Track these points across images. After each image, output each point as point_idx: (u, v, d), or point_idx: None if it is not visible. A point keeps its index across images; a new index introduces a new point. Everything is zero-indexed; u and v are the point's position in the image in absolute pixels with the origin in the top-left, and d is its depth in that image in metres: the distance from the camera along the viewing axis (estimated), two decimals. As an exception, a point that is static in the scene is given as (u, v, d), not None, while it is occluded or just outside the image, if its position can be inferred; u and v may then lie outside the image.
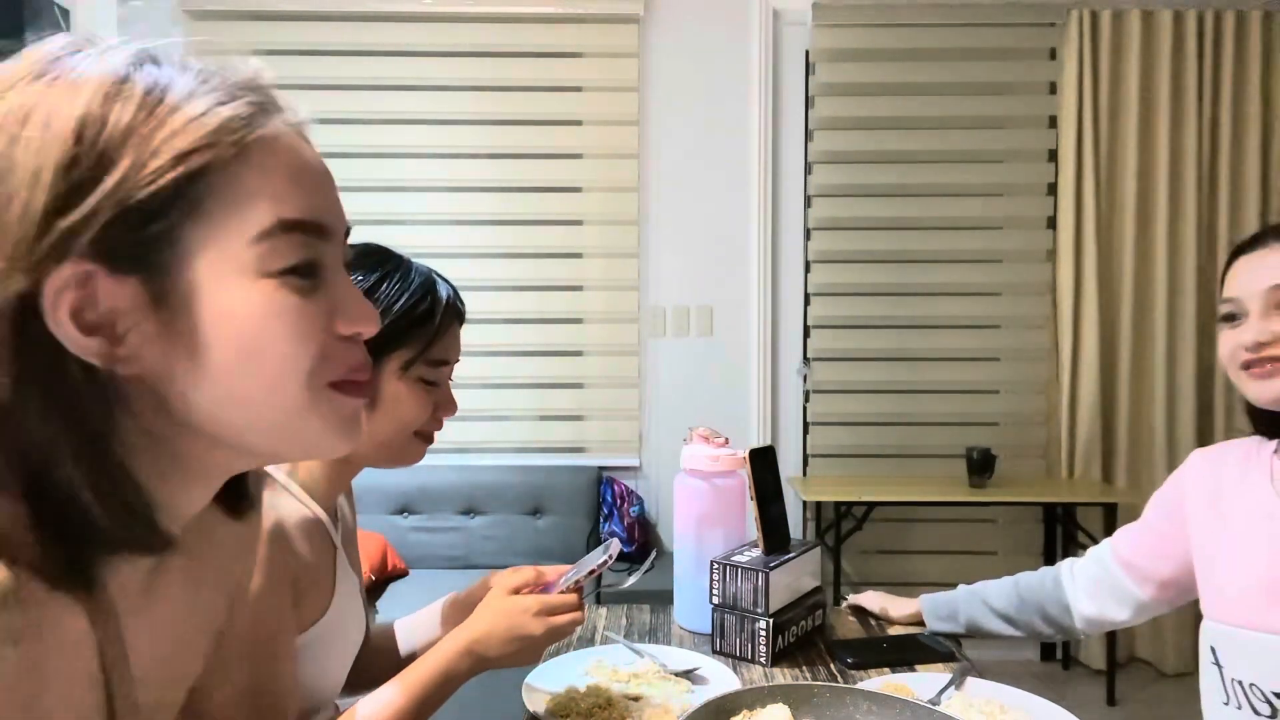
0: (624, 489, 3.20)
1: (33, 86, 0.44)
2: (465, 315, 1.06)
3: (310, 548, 0.94)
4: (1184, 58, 3.17)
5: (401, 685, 0.92)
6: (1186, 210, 3.19)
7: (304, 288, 0.49)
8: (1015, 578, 1.35)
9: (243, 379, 0.47)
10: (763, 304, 3.30)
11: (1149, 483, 3.21)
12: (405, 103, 3.24)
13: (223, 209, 0.46)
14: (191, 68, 0.48)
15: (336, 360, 0.51)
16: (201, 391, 0.47)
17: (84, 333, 0.43)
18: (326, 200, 0.52)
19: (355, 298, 0.52)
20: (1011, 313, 3.31)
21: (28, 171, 0.42)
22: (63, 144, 0.42)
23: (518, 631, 0.96)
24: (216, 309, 0.46)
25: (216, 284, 0.46)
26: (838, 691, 0.93)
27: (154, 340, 0.45)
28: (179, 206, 0.45)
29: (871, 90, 3.27)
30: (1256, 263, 1.01)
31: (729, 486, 1.36)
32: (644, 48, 3.28)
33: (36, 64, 0.45)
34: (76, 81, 0.44)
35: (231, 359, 0.47)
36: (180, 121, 0.45)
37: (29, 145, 0.42)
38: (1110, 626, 1.27)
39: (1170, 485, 1.19)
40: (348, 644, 1.03)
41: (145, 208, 0.44)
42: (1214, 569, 1.08)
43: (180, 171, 0.44)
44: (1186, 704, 2.95)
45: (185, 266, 0.45)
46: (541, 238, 3.28)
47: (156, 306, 0.45)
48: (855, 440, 3.33)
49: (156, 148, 0.44)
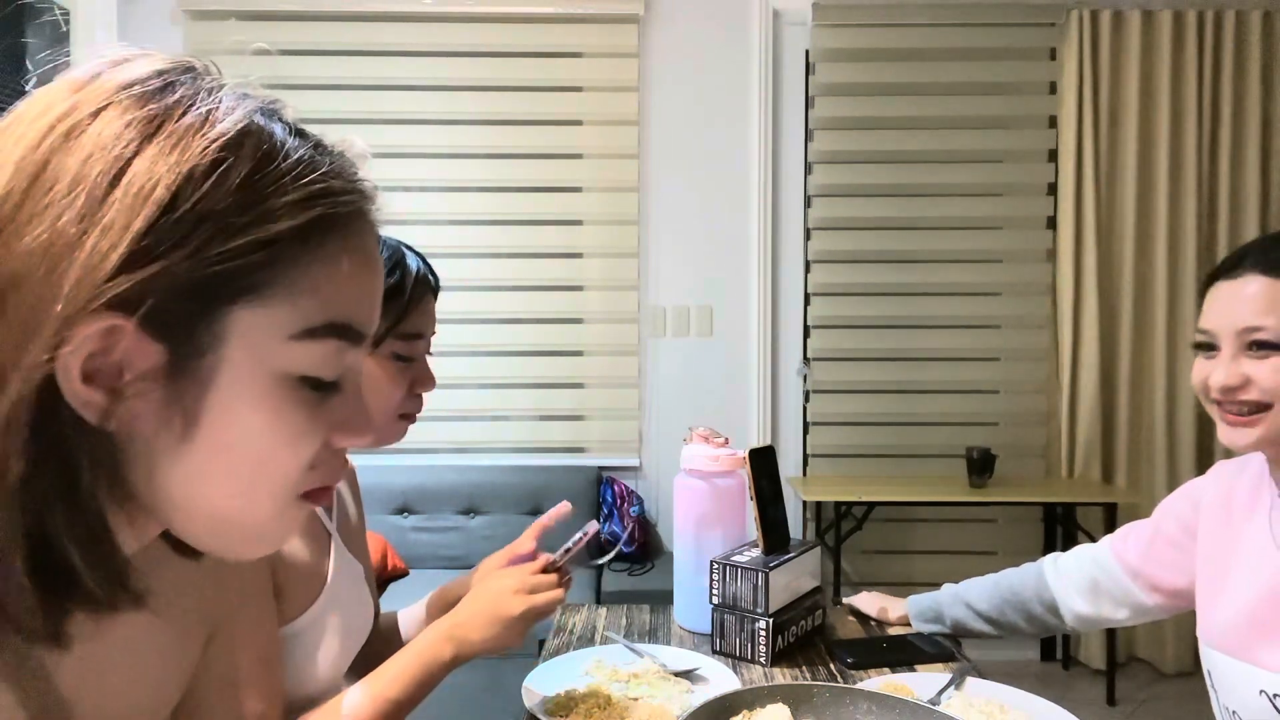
0: (624, 489, 3.20)
1: (129, 129, 0.41)
2: (439, 287, 1.03)
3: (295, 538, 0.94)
4: (1184, 58, 3.17)
5: (384, 675, 0.91)
6: (1186, 210, 3.19)
7: (315, 398, 0.46)
8: (997, 577, 1.33)
9: (222, 471, 0.44)
10: (763, 304, 3.30)
11: (1149, 483, 3.21)
12: (405, 103, 3.24)
13: (279, 298, 0.43)
14: (305, 137, 0.45)
15: (321, 472, 0.48)
16: (175, 470, 0.43)
17: (84, 381, 0.40)
18: (374, 305, 0.49)
19: (359, 410, 0.49)
20: (1011, 313, 3.31)
21: (112, 228, 0.39)
22: (156, 207, 0.39)
23: (496, 612, 0.95)
24: (226, 399, 0.43)
25: (236, 373, 0.43)
26: (838, 691, 0.93)
27: (153, 410, 0.42)
28: (242, 287, 0.42)
29: (871, 90, 3.27)
30: (1232, 294, 0.95)
31: (729, 486, 1.36)
32: (644, 48, 3.28)
33: (133, 94, 0.42)
34: (184, 136, 0.41)
35: (219, 449, 0.44)
36: (278, 205, 0.42)
37: (116, 201, 0.39)
38: (1105, 625, 1.26)
39: (1185, 498, 1.15)
40: (349, 631, 1.03)
41: (209, 283, 0.41)
42: (1210, 593, 1.07)
43: (259, 256, 0.42)
44: (1186, 704, 2.96)
45: (216, 346, 0.42)
46: (541, 238, 3.28)
47: (171, 378, 0.42)
48: (855, 440, 3.32)
49: (244, 226, 0.41)
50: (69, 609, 0.42)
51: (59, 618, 0.42)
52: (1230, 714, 1.01)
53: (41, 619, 0.41)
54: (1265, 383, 0.91)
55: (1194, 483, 1.16)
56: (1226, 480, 1.10)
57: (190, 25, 3.19)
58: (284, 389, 0.44)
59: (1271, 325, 0.91)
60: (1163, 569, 1.17)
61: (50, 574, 0.41)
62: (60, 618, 0.42)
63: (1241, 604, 1.00)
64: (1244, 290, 0.93)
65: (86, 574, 0.42)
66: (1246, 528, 1.04)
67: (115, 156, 0.40)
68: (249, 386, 0.43)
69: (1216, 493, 1.10)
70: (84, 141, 0.40)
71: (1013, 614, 1.29)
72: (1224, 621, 1.02)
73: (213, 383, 0.43)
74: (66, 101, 0.42)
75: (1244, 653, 0.98)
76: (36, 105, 0.43)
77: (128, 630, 0.52)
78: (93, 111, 0.41)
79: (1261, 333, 0.91)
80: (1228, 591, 1.04)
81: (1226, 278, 0.96)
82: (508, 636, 0.96)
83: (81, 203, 0.39)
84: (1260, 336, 0.91)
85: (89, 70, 0.43)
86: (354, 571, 1.06)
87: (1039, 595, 1.28)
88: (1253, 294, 0.93)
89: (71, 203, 0.39)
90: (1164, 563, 1.16)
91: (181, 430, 0.43)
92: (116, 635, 0.51)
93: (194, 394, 0.43)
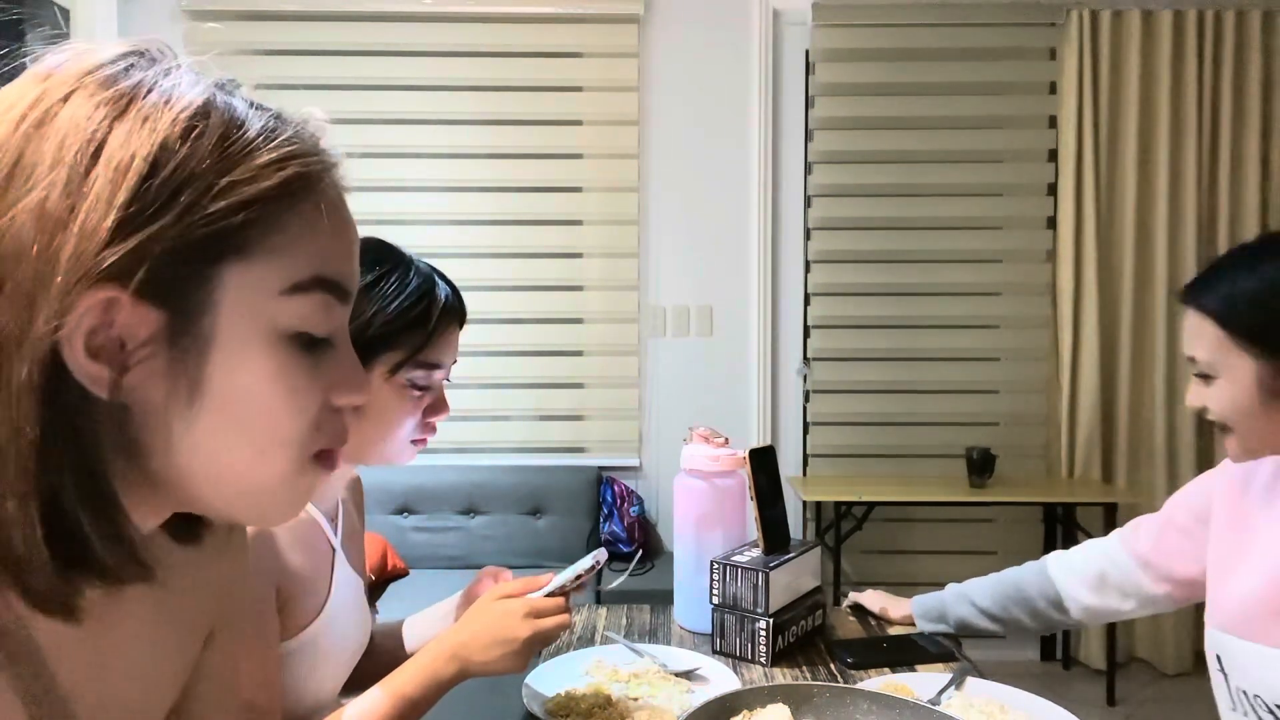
0: (624, 489, 3.20)
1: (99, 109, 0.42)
2: (466, 316, 1.03)
3: (301, 552, 0.93)
4: (1184, 58, 3.17)
5: (386, 690, 0.90)
6: (1186, 210, 3.19)
7: (311, 358, 0.48)
8: (1000, 575, 1.35)
9: (234, 431, 0.46)
10: (763, 304, 3.30)
11: (1149, 483, 3.21)
12: (405, 103, 3.24)
13: (264, 256, 0.45)
14: (264, 108, 0.48)
15: (325, 431, 0.50)
16: (187, 437, 0.45)
17: (89, 356, 0.42)
18: (354, 265, 0.51)
19: (354, 367, 0.51)
20: (1011, 313, 3.31)
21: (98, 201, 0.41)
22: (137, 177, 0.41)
23: (502, 634, 0.94)
24: (227, 358, 0.45)
25: (233, 331, 0.45)
26: (838, 691, 0.93)
27: (158, 377, 0.44)
28: (228, 247, 0.44)
29: (871, 90, 3.27)
30: (1184, 323, 1.03)
31: (729, 486, 1.36)
32: (644, 48, 3.28)
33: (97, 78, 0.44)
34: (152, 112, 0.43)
35: (227, 410, 0.45)
36: (252, 167, 0.44)
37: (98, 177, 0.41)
38: (1111, 618, 1.28)
39: (1198, 487, 1.18)
40: (346, 646, 1.03)
41: (197, 245, 0.43)
42: (1224, 578, 1.08)
43: (241, 216, 0.44)
44: (1186, 704, 2.96)
45: (211, 307, 0.44)
46: (541, 238, 3.28)
47: (172, 343, 0.44)
48: (855, 440, 3.32)
49: (223, 188, 0.43)
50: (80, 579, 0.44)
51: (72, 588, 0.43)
52: (1246, 696, 1.01)
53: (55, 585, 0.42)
54: (1215, 408, 1.00)
55: (1208, 473, 1.18)
56: (1244, 468, 1.11)
57: (190, 25, 3.18)
58: (281, 346, 0.47)
59: (1201, 357, 0.99)
60: (1173, 558, 1.18)
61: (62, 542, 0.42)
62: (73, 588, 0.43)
63: (1257, 585, 1.01)
64: (1187, 322, 1.03)
65: (97, 543, 0.43)
66: (1264, 511, 1.05)
67: (89, 136, 0.42)
68: (247, 343, 0.45)
69: (1236, 476, 1.12)
70: (57, 125, 0.42)
71: (1017, 610, 1.30)
72: (1237, 603, 1.03)
73: (213, 344, 0.45)
74: (33, 91, 0.43)
75: (1261, 635, 0.99)
76: (4, 99, 0.44)
77: (129, 622, 0.52)
78: (61, 98, 0.43)
79: (1195, 365, 1.00)
80: (1241, 573, 1.04)
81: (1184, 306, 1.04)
82: (512, 661, 0.94)
83: (64, 181, 0.41)
84: (1196, 368, 1.01)
85: (51, 62, 0.45)
86: (355, 585, 1.05)
87: (1043, 591, 1.29)
88: (1190, 326, 1.02)
89: (53, 182, 0.41)
90: (1175, 552, 1.18)
91: (188, 395, 0.44)
92: (118, 627, 0.51)
93: (196, 357, 0.44)
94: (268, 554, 0.88)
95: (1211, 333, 0.98)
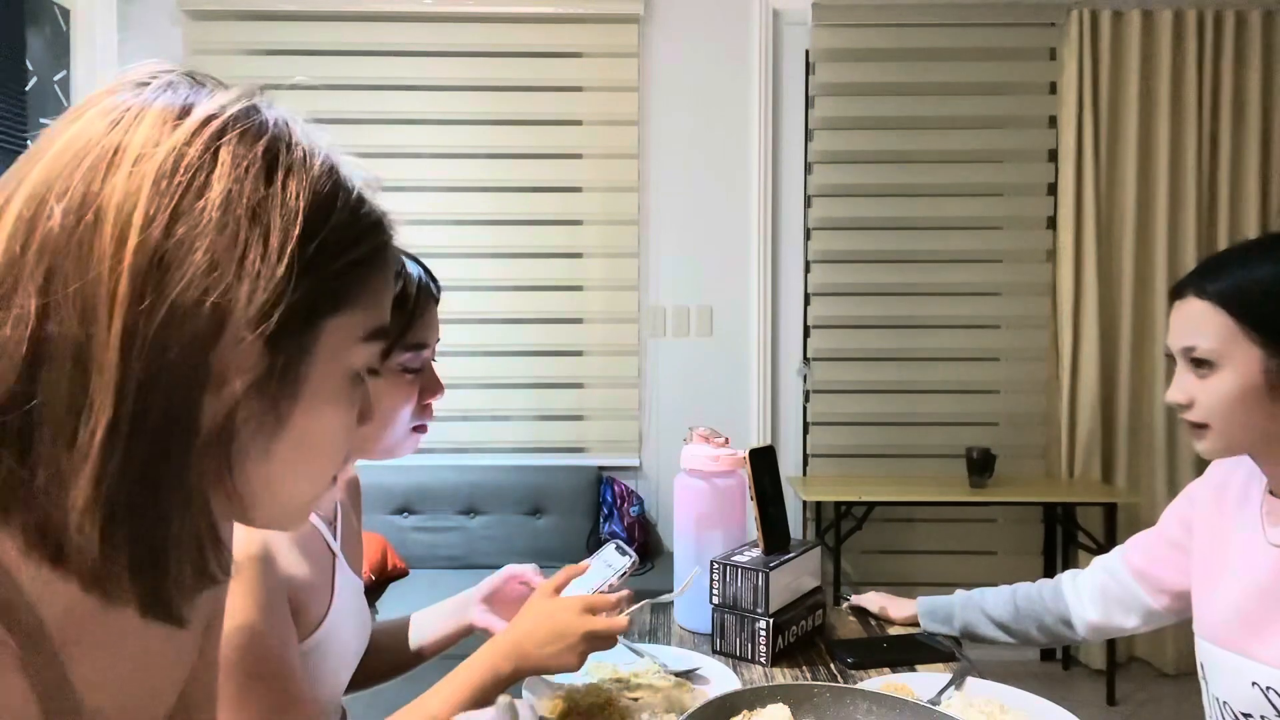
0: (624, 489, 3.20)
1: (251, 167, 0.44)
2: (440, 294, 1.02)
3: (303, 559, 0.92)
4: (1184, 58, 3.17)
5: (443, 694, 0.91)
6: (1186, 210, 3.19)
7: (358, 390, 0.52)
8: (1014, 588, 1.36)
9: (302, 463, 0.49)
10: (763, 304, 3.30)
11: (1149, 483, 3.21)
12: (405, 103, 3.24)
13: (356, 309, 0.49)
14: (347, 157, 0.52)
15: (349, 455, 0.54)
16: (260, 469, 0.48)
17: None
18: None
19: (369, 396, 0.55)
20: (1011, 313, 3.31)
21: (268, 260, 0.44)
22: (295, 239, 0.45)
23: (558, 629, 0.95)
24: (313, 400, 0.48)
25: (323, 377, 0.48)
26: (838, 691, 0.93)
27: (254, 414, 0.46)
28: (339, 302, 0.48)
29: (871, 90, 3.27)
30: (1178, 315, 1.03)
31: (729, 486, 1.36)
32: (644, 48, 3.28)
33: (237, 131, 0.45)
34: (299, 171, 0.46)
35: (302, 445, 0.48)
36: (361, 228, 0.49)
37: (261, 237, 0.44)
38: (1116, 634, 1.29)
39: (1185, 498, 1.19)
40: (348, 649, 1.02)
41: (319, 299, 0.47)
42: (1206, 588, 1.09)
43: (352, 275, 0.48)
44: (1186, 704, 2.96)
45: (311, 354, 0.47)
46: (541, 237, 3.28)
47: (272, 384, 0.46)
48: (855, 440, 3.32)
49: (345, 249, 0.47)
50: (194, 586, 0.46)
51: (186, 595, 0.46)
52: (1219, 704, 1.03)
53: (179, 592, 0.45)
54: (1203, 404, 0.99)
55: (1194, 483, 1.19)
56: (1222, 474, 1.13)
57: (190, 25, 3.18)
58: (350, 385, 0.51)
59: (1205, 345, 0.98)
60: (1166, 570, 1.19)
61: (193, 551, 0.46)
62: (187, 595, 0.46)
63: (1233, 598, 1.03)
64: (1187, 310, 1.01)
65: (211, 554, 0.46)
66: (1238, 522, 1.07)
67: (248, 198, 0.44)
68: (330, 386, 0.49)
69: (1212, 487, 1.13)
70: (213, 185, 0.43)
71: (1027, 622, 1.32)
72: (1217, 615, 1.05)
73: (304, 386, 0.48)
74: (170, 140, 0.44)
75: (1236, 645, 1.01)
76: (133, 143, 0.44)
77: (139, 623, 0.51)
78: (210, 153, 0.44)
79: (1196, 351, 0.99)
80: (1221, 585, 1.06)
81: (1177, 299, 1.04)
82: (569, 656, 0.95)
83: (228, 242, 0.43)
84: (1196, 354, 0.99)
85: (174, 102, 0.46)
86: (355, 587, 1.05)
87: (1054, 608, 1.31)
88: (1191, 315, 1.00)
89: (220, 242, 0.43)
90: (1167, 563, 1.19)
91: (272, 431, 0.47)
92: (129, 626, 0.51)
93: (288, 400, 0.47)
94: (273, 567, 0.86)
95: (1220, 321, 0.97)
